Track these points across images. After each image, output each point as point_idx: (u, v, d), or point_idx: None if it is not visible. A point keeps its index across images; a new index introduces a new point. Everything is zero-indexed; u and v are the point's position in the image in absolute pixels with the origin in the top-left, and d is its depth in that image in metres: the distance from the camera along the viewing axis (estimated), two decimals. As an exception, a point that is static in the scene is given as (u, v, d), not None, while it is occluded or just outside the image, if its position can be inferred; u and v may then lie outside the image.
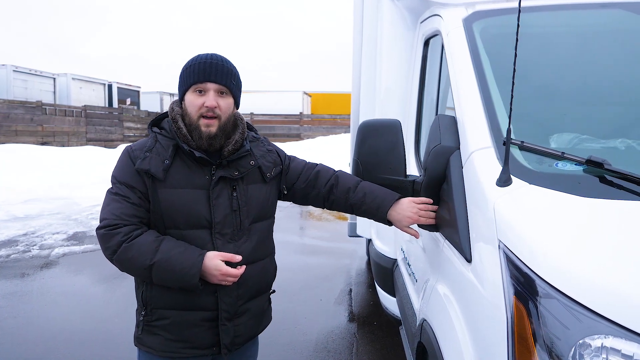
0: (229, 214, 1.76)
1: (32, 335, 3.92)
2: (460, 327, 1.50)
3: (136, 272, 1.69)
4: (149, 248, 1.63)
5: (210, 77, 1.71)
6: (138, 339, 1.82)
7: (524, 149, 1.61)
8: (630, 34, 2.12)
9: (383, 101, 3.37)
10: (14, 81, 18.12)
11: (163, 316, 1.76)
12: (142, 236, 1.65)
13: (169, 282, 1.67)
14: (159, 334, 1.77)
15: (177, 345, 1.77)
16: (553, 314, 1.11)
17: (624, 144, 1.70)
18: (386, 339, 3.99)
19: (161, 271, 1.63)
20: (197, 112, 1.72)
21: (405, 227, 1.87)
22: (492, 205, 1.41)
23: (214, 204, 1.74)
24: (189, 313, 1.75)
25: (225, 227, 1.75)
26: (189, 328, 1.76)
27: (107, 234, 1.64)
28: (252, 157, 1.85)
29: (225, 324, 1.78)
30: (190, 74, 1.73)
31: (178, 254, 1.64)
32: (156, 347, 1.78)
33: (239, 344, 1.86)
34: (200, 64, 1.72)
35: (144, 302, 1.77)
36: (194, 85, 1.72)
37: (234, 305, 1.79)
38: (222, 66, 1.74)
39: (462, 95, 1.88)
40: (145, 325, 1.78)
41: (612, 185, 1.43)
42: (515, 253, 1.25)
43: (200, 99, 1.72)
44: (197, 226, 1.73)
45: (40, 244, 6.62)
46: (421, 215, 1.82)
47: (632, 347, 1.00)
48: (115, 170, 1.75)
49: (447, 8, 2.36)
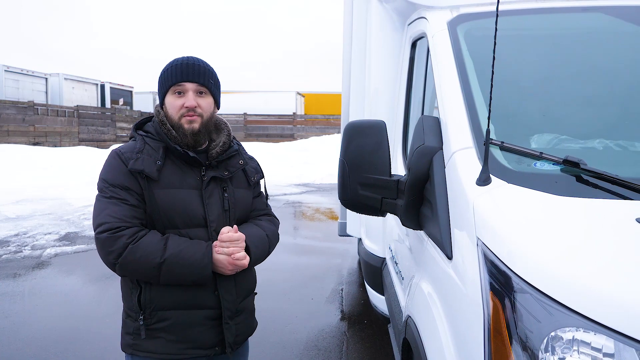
0: (221, 213, 1.81)
1: (24, 335, 3.92)
2: (441, 322, 1.54)
3: (143, 272, 1.66)
4: (157, 247, 1.64)
5: (187, 77, 1.73)
6: (134, 346, 1.76)
7: (504, 149, 1.64)
8: (609, 36, 2.17)
9: (372, 102, 3.41)
10: (6, 81, 18.04)
11: (164, 318, 1.74)
12: (147, 236, 1.65)
13: (181, 276, 1.67)
14: (159, 336, 1.74)
15: (180, 346, 1.75)
16: (527, 308, 1.15)
17: (602, 144, 1.74)
18: (376, 337, 4.03)
19: (173, 267, 1.64)
20: (178, 113, 1.74)
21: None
22: (471, 204, 1.45)
23: (207, 203, 1.77)
24: (192, 312, 1.76)
25: (219, 225, 1.79)
26: (192, 327, 1.76)
27: (110, 238, 1.61)
28: (240, 157, 1.90)
29: (228, 322, 1.81)
30: (168, 77, 1.75)
31: (187, 247, 1.67)
32: (157, 350, 1.74)
33: (240, 342, 1.89)
34: (177, 66, 1.74)
35: (142, 306, 1.73)
36: (172, 87, 1.74)
37: (234, 303, 1.83)
38: (199, 66, 1.76)
39: (445, 97, 1.92)
40: (146, 329, 1.74)
41: (588, 185, 1.47)
42: (492, 250, 1.29)
43: (179, 100, 1.74)
44: (194, 225, 1.75)
45: (32, 245, 6.60)
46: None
47: (600, 339, 1.04)
48: (104, 173, 1.72)
49: (432, 11, 2.40)
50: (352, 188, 1.92)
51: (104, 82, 23.04)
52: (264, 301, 2.11)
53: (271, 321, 4.20)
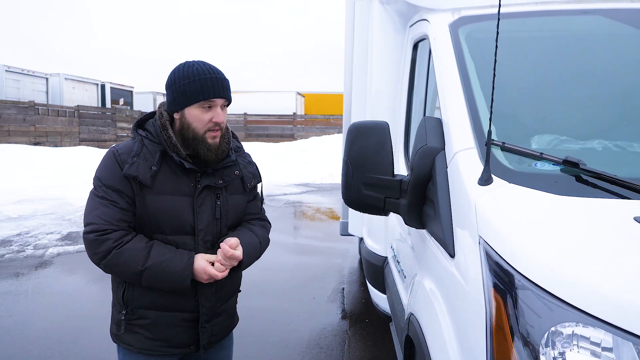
0: (212, 222, 1.82)
1: (28, 333, 3.95)
2: (444, 319, 1.57)
3: (126, 276, 1.73)
4: (140, 254, 1.67)
5: (219, 92, 1.72)
6: (116, 336, 1.87)
7: (505, 149, 1.68)
8: (608, 39, 2.20)
9: (374, 102, 3.44)
10: (6, 81, 18.07)
11: (144, 316, 1.80)
12: (132, 242, 1.69)
13: (160, 284, 1.72)
14: (138, 332, 1.81)
15: (156, 343, 1.82)
16: (528, 304, 1.18)
17: (601, 144, 1.78)
18: (377, 335, 4.06)
19: (153, 275, 1.68)
20: (205, 127, 1.73)
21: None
22: (473, 203, 1.48)
23: (198, 211, 1.78)
24: (170, 314, 1.81)
25: (207, 234, 1.81)
26: (169, 328, 1.81)
27: (97, 240, 1.66)
28: (236, 167, 1.90)
29: (204, 326, 1.86)
30: (197, 90, 1.70)
31: (169, 259, 1.70)
32: (134, 344, 1.82)
33: (215, 342, 1.95)
34: (206, 80, 1.71)
35: (125, 302, 1.80)
36: (203, 101, 1.71)
37: (213, 309, 1.87)
38: (224, 80, 1.76)
39: (447, 98, 1.96)
40: (127, 324, 1.82)
41: (587, 184, 1.51)
42: (493, 248, 1.33)
43: (207, 115, 1.73)
44: (181, 232, 1.77)
45: (34, 244, 6.63)
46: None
47: (599, 334, 1.07)
48: (99, 171, 1.74)
49: (434, 13, 2.44)
50: (355, 188, 1.95)
51: (105, 82, 23.06)
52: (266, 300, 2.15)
53: (273, 320, 4.23)
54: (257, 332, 2.08)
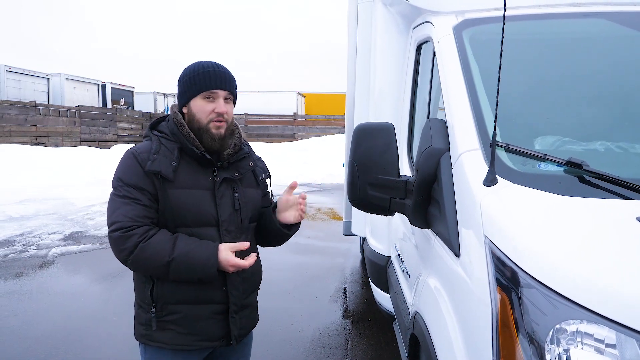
0: (232, 213, 1.88)
1: (32, 333, 3.98)
2: (450, 317, 1.60)
3: (153, 269, 1.75)
4: (166, 246, 1.71)
5: (221, 84, 1.81)
6: (147, 336, 1.87)
7: (509, 150, 1.71)
8: (611, 42, 2.23)
9: (377, 103, 3.46)
10: (8, 81, 18.11)
11: (175, 311, 1.83)
12: (157, 235, 1.73)
13: (188, 274, 1.75)
14: (170, 328, 1.84)
15: (189, 338, 1.85)
16: (533, 302, 1.21)
17: (604, 146, 1.81)
18: (380, 334, 4.09)
19: (180, 265, 1.71)
20: (207, 118, 1.81)
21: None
22: (478, 204, 1.51)
23: (219, 203, 1.84)
24: (200, 307, 1.84)
25: (230, 224, 1.87)
26: (200, 321, 1.85)
27: (123, 236, 1.70)
28: (250, 159, 1.99)
29: (234, 317, 1.90)
30: (199, 81, 1.81)
31: (195, 247, 1.74)
32: (168, 341, 1.84)
33: (243, 335, 1.98)
34: (208, 72, 1.81)
35: (155, 299, 1.82)
36: (204, 92, 1.81)
37: (240, 298, 1.91)
38: (228, 74, 1.86)
39: (451, 100, 1.98)
40: (157, 321, 1.83)
41: (590, 185, 1.53)
42: (499, 247, 1.35)
43: (210, 105, 1.81)
44: (205, 224, 1.83)
45: (37, 244, 6.67)
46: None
47: (603, 331, 1.10)
48: (119, 172, 1.79)
49: (438, 16, 2.46)
50: (361, 188, 1.98)
51: (105, 82, 23.10)
52: (269, 300, 2.18)
53: (276, 320, 4.26)
54: (260, 332, 2.10)
